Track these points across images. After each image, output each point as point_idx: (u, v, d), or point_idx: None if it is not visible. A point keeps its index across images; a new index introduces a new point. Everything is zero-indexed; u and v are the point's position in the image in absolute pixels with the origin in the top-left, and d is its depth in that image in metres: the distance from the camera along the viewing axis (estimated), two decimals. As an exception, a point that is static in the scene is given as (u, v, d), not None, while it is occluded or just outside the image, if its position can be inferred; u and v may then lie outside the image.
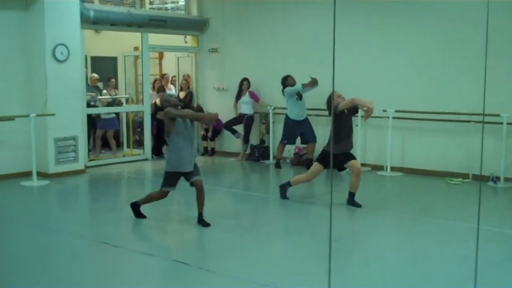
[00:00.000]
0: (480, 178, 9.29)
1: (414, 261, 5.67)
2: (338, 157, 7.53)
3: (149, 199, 7.12)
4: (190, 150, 6.68)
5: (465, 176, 9.54)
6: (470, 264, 3.37)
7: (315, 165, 7.84)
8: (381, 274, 5.33)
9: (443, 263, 5.53)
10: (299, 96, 10.88)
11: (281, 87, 11.13)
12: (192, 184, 6.78)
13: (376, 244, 6.34)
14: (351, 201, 7.69)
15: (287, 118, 11.14)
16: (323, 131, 10.96)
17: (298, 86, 10.74)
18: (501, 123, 9.06)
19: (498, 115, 9.01)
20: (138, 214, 7.15)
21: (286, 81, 11.02)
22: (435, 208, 7.82)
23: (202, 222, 6.78)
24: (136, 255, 5.88)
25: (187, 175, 6.78)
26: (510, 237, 6.51)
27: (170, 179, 6.83)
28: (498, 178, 9.19)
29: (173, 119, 6.63)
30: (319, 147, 10.82)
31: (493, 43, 8.63)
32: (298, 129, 11.09)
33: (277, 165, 11.30)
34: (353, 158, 7.76)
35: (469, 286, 3.39)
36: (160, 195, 7.02)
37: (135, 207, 7.17)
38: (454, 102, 9.58)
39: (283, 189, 8.23)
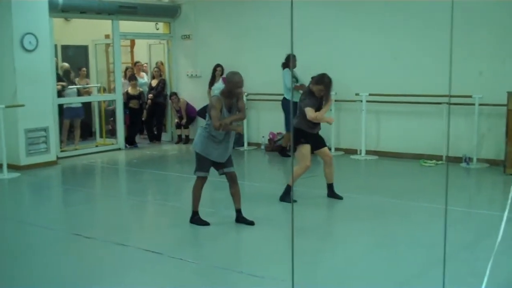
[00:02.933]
0: (447, 160, 9.38)
1: (385, 244, 5.69)
2: (315, 136, 7.17)
3: (195, 197, 6.33)
4: (226, 144, 6.15)
5: (438, 158, 9.59)
6: (440, 245, 3.36)
7: (303, 148, 7.01)
8: (350, 257, 5.34)
9: (414, 245, 5.56)
10: (297, 79, 10.56)
11: (282, 64, 10.52)
12: (224, 174, 6.29)
13: (348, 227, 6.34)
14: (332, 192, 7.33)
15: (286, 101, 10.54)
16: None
17: (288, 81, 10.42)
18: (473, 104, 9.11)
19: (470, 96, 9.06)
20: (202, 222, 6.29)
21: (289, 62, 10.34)
22: (409, 191, 7.84)
23: (243, 220, 6.28)
24: (108, 245, 5.80)
25: (218, 165, 6.25)
26: (481, 217, 6.54)
27: (202, 163, 6.21)
28: (470, 159, 9.26)
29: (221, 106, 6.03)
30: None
31: (464, 24, 8.71)
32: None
33: (283, 154, 10.84)
34: (325, 144, 7.41)
35: (439, 267, 3.39)
36: (198, 185, 6.30)
37: (196, 217, 6.33)
38: (427, 85, 9.59)
39: (286, 196, 7.27)
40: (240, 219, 6.32)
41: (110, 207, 7.63)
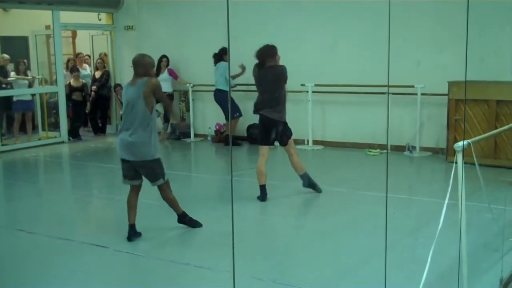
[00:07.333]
0: (388, 149, 9.59)
1: (329, 233, 5.76)
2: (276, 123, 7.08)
3: (175, 202, 5.87)
4: None
5: (383, 147, 9.76)
6: (383, 233, 3.42)
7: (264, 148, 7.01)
8: (294, 246, 5.40)
9: (357, 233, 5.65)
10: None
11: (215, 59, 10.81)
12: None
13: (292, 216, 6.40)
14: (308, 182, 7.17)
15: (222, 93, 10.64)
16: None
17: (225, 73, 10.52)
18: (416, 94, 9.30)
19: (412, 86, 9.24)
20: (194, 223, 5.93)
21: (225, 55, 10.59)
22: (354, 180, 7.95)
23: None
24: (53, 240, 5.68)
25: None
26: (424, 205, 6.69)
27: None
28: (413, 148, 9.46)
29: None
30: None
31: (404, 16, 8.89)
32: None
33: (233, 143, 10.85)
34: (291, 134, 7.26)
35: (381, 255, 3.45)
36: (170, 188, 5.83)
37: (185, 218, 5.91)
38: (370, 75, 9.71)
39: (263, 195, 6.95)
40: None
41: (54, 201, 7.46)
